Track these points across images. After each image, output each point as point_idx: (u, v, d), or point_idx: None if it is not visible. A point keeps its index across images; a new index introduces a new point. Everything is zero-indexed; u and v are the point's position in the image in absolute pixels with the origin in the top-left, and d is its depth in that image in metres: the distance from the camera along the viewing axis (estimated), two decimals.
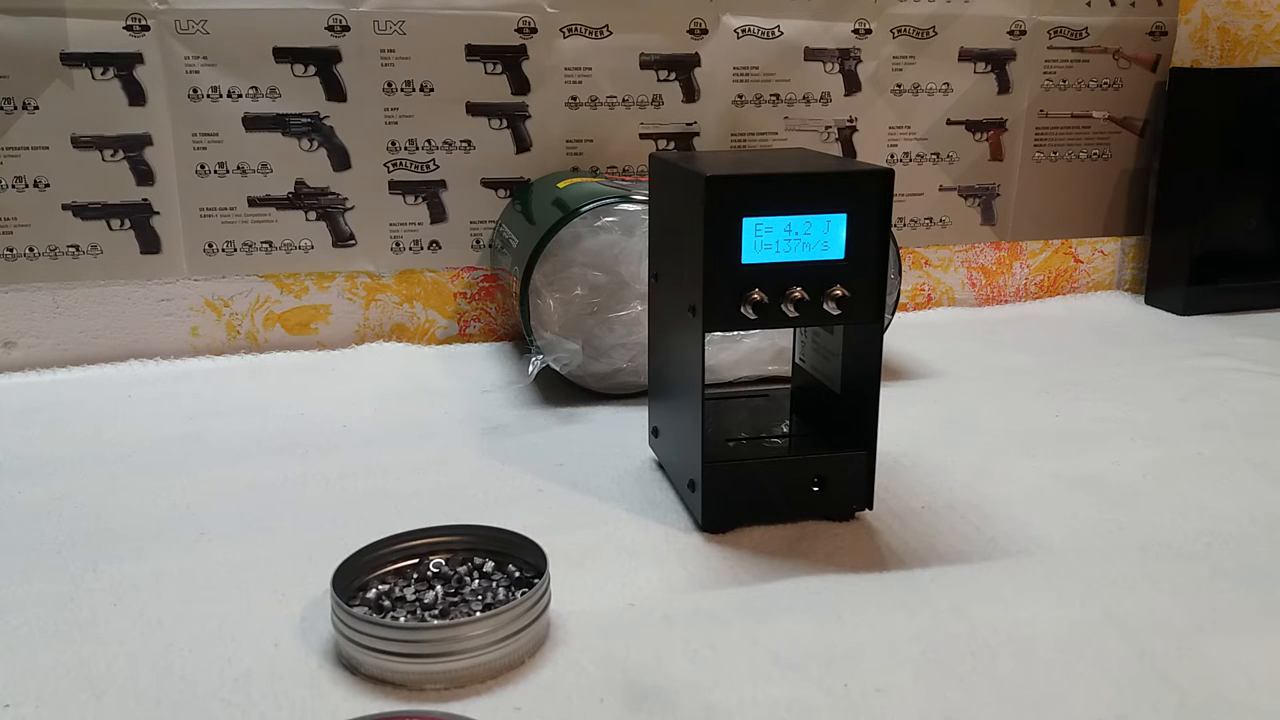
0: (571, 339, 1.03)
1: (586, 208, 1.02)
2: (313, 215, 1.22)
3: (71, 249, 1.17)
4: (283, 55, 1.17)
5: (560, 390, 1.10)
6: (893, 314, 1.18)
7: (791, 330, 0.93)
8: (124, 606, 0.69)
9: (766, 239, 0.72)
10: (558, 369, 1.04)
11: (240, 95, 1.17)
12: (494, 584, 0.68)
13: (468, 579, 0.68)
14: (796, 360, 0.91)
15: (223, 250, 1.21)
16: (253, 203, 1.20)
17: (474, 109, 1.23)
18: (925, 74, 1.36)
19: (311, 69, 1.18)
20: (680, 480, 0.83)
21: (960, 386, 1.12)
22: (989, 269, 1.46)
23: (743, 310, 0.73)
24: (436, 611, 0.65)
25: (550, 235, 1.02)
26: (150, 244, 1.19)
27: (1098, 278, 1.51)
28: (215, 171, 1.18)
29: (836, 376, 0.83)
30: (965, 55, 1.36)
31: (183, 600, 0.70)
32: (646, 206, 1.02)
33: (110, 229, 1.17)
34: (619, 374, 1.07)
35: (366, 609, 0.65)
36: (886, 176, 0.73)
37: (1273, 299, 1.44)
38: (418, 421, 1.02)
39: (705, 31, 1.27)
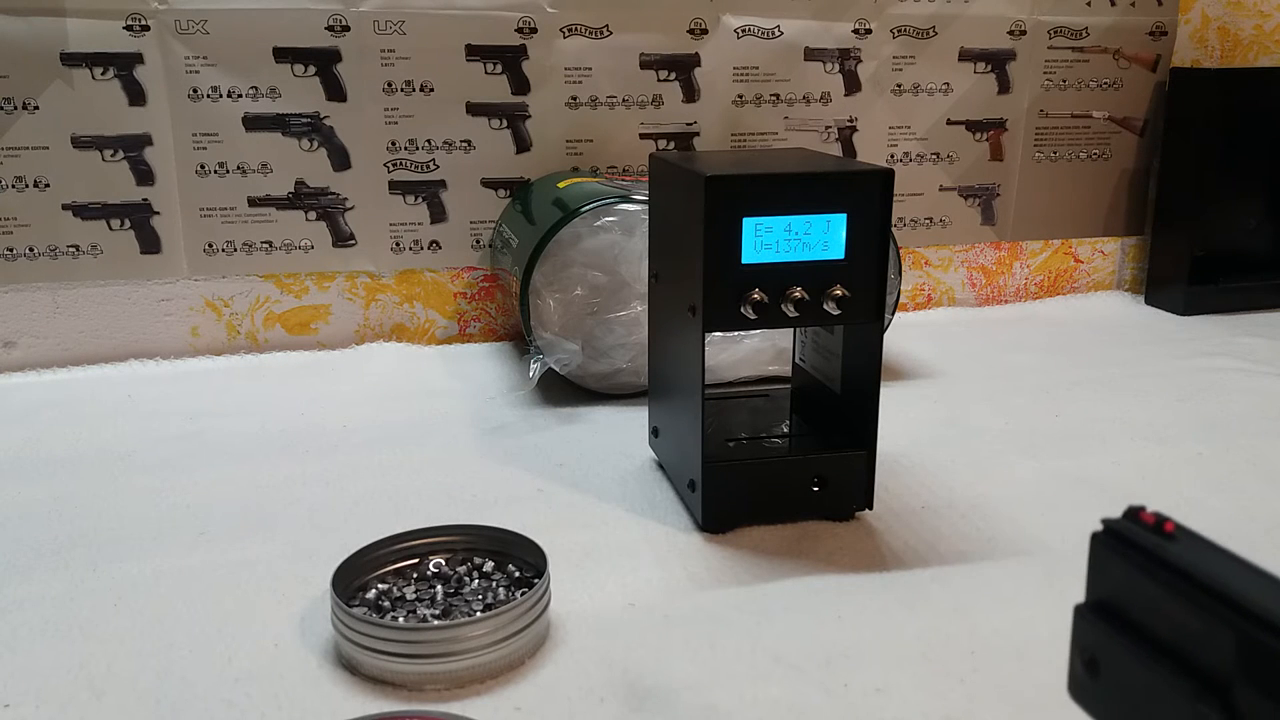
0: (571, 339, 1.03)
1: (586, 208, 1.02)
2: (313, 215, 1.22)
3: (71, 249, 1.17)
4: (283, 55, 1.17)
5: (560, 390, 1.09)
6: (893, 314, 1.18)
7: (791, 330, 0.93)
8: (124, 606, 0.69)
9: (766, 239, 0.72)
10: (558, 369, 1.04)
11: (240, 95, 1.17)
12: (494, 584, 0.68)
13: (467, 579, 0.68)
14: (796, 360, 0.91)
15: (223, 250, 1.21)
16: (253, 203, 1.20)
17: (474, 109, 1.23)
18: (925, 74, 1.35)
19: (311, 69, 1.18)
20: (680, 480, 0.83)
21: (960, 386, 1.12)
22: (989, 269, 1.46)
23: (743, 310, 0.73)
24: (437, 611, 0.65)
25: (550, 235, 1.02)
26: (150, 244, 1.19)
27: (1098, 278, 1.51)
28: (215, 171, 1.18)
29: (836, 376, 0.83)
30: (965, 55, 1.36)
31: (183, 600, 0.70)
32: (646, 206, 1.02)
33: (110, 229, 1.17)
34: (619, 374, 1.07)
35: (366, 609, 0.65)
36: (886, 176, 0.73)
37: (1273, 299, 1.44)
38: (418, 421, 1.02)
39: (705, 31, 1.27)
